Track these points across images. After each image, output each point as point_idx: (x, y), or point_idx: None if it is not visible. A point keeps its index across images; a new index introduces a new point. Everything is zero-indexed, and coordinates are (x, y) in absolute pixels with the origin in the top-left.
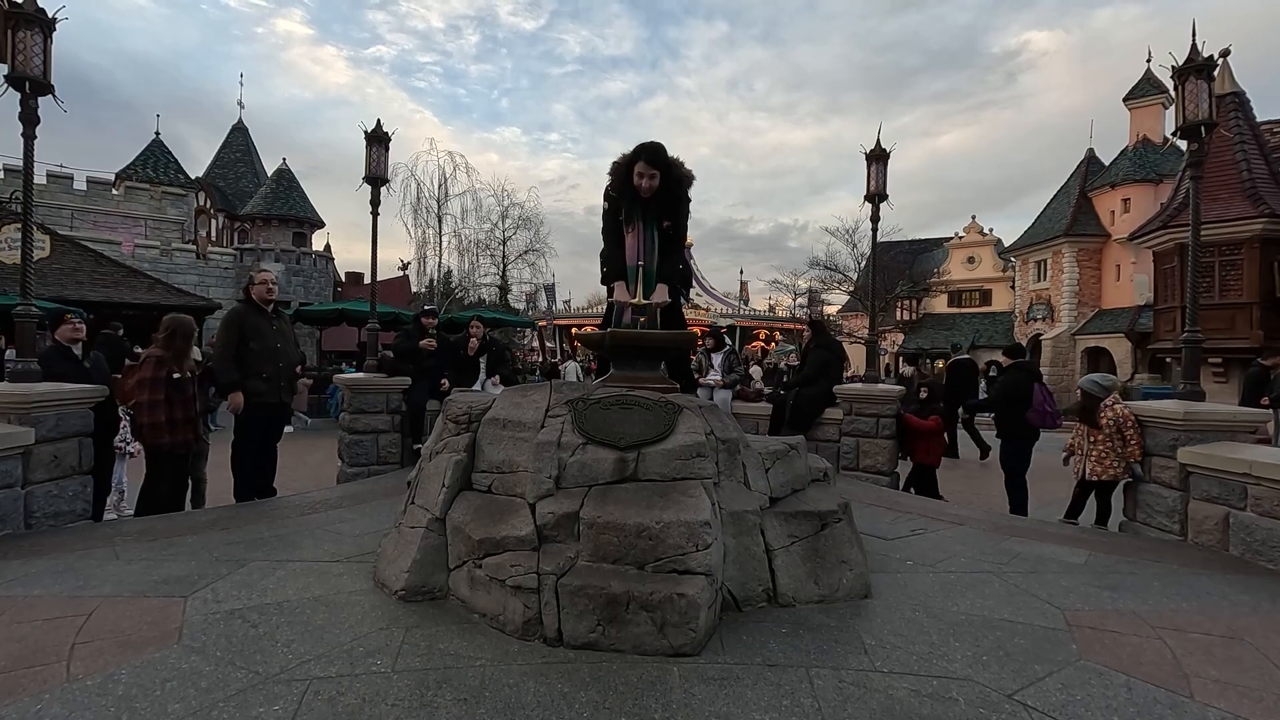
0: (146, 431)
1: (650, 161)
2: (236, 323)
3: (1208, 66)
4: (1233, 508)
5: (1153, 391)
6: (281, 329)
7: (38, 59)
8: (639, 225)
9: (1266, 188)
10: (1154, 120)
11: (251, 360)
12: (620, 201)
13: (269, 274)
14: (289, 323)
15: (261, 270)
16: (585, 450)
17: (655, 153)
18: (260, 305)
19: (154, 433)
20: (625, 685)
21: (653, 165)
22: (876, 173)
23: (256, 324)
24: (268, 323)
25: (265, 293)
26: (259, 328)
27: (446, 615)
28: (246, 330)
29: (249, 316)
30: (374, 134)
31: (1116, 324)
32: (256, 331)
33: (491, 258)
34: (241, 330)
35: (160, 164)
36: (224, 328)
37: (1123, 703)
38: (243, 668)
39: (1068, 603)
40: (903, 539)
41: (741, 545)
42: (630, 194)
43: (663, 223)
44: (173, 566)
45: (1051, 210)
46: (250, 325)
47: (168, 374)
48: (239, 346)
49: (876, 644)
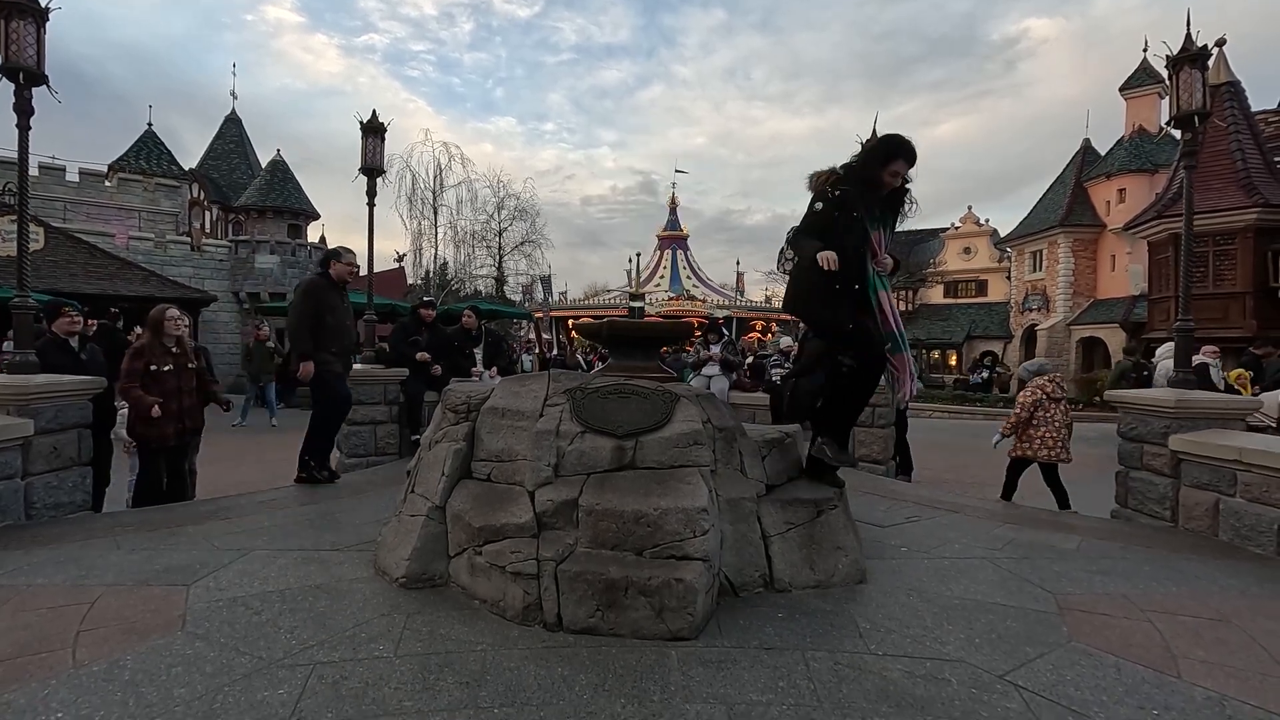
0: (133, 424)
1: (911, 160)
2: (315, 295)
3: (1202, 56)
4: (1222, 494)
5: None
6: (349, 308)
7: (31, 49)
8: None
9: (1261, 177)
10: (1150, 110)
11: (324, 335)
12: (854, 201)
13: (355, 255)
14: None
15: (348, 250)
16: (583, 438)
17: (915, 151)
18: (338, 283)
19: (134, 424)
20: (624, 668)
21: (911, 163)
22: None
23: (332, 300)
24: (340, 300)
25: (347, 273)
26: (334, 304)
27: (447, 602)
28: (323, 305)
29: (327, 292)
30: (369, 125)
31: (1111, 314)
32: (332, 308)
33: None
34: (319, 304)
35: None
36: (303, 298)
37: (1112, 682)
38: (247, 653)
39: (1059, 587)
40: (897, 526)
41: (738, 531)
42: (868, 193)
43: (889, 217)
44: (174, 556)
45: (1047, 200)
46: (327, 301)
47: (144, 366)
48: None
49: (871, 628)
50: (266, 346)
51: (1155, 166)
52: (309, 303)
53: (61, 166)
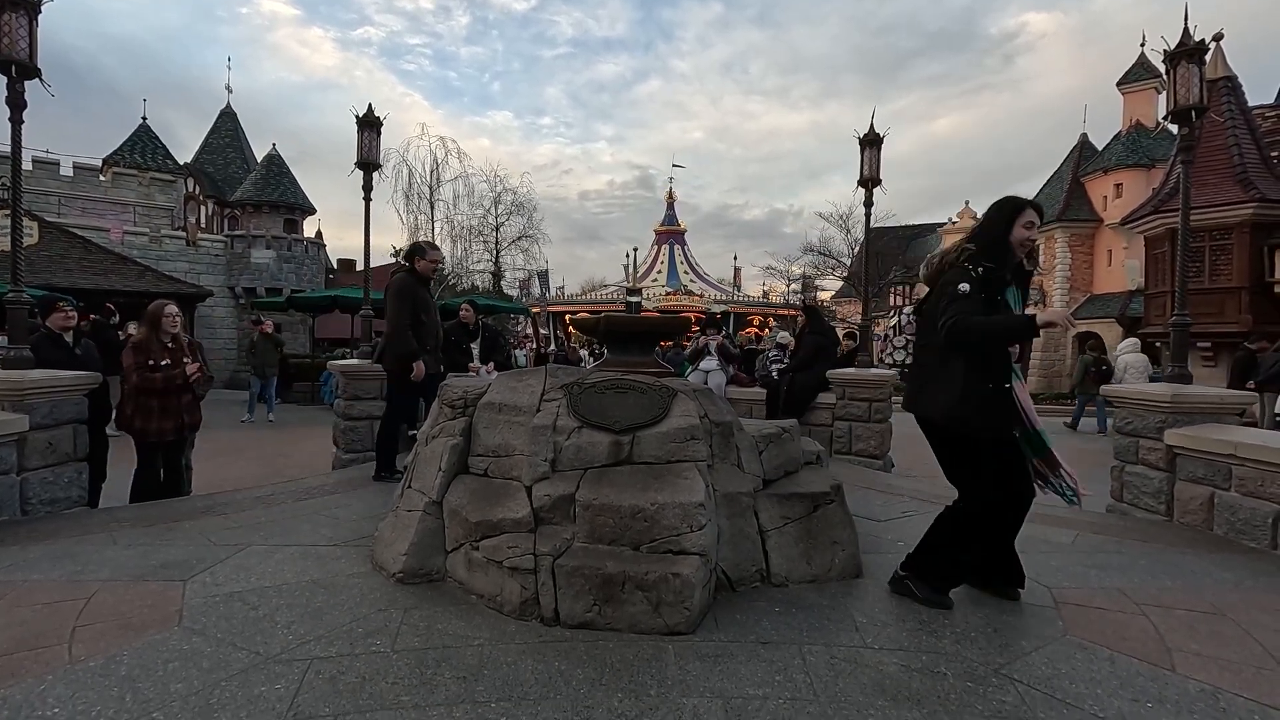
0: (128, 419)
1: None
2: (410, 294)
3: (1199, 51)
4: (1218, 488)
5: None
6: (433, 303)
7: (23, 42)
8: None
9: (1258, 172)
10: (1147, 105)
11: (419, 332)
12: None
13: (440, 252)
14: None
15: (433, 246)
16: (581, 434)
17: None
18: (424, 279)
19: (132, 419)
20: (621, 662)
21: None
22: (870, 158)
23: (424, 297)
24: (429, 296)
25: (431, 269)
26: (425, 301)
27: (444, 597)
28: (418, 303)
29: (418, 290)
30: (365, 119)
31: (1107, 309)
32: (425, 304)
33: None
34: (415, 302)
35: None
36: (398, 298)
37: (1106, 675)
38: (244, 649)
39: (1055, 581)
40: (894, 520)
41: (735, 526)
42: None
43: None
44: (170, 551)
45: (1044, 196)
46: (420, 298)
47: (143, 361)
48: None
49: (868, 621)
50: (271, 340)
51: (1152, 161)
52: (403, 303)
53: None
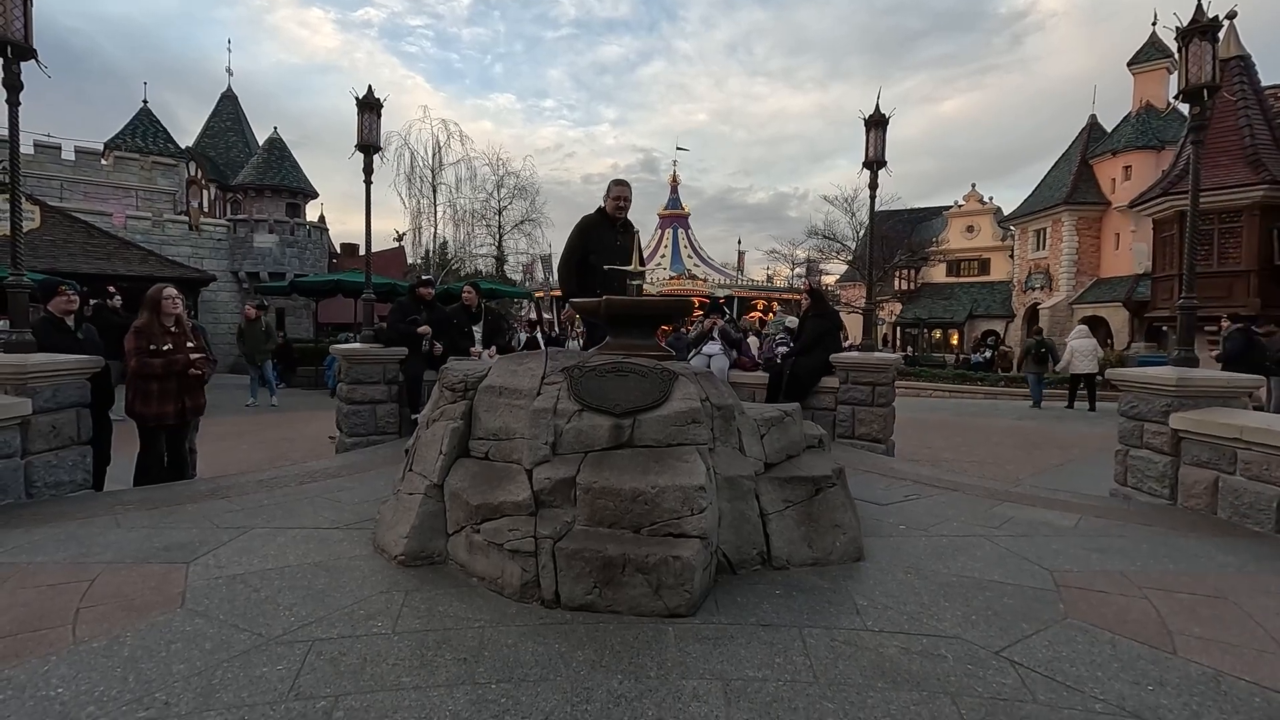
0: (129, 402)
1: None
2: (583, 231)
3: (1213, 28)
4: (1222, 472)
5: (1148, 359)
6: (625, 245)
7: (18, 22)
8: None
9: (1269, 154)
10: (1158, 85)
11: (589, 275)
12: None
13: (626, 189)
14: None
15: (619, 185)
16: (581, 417)
17: None
18: (611, 219)
19: (132, 403)
20: (621, 644)
21: None
22: (876, 139)
23: (601, 237)
24: (613, 238)
25: (615, 209)
26: (603, 241)
27: (445, 579)
28: (590, 241)
29: (596, 229)
30: (365, 100)
31: (1114, 293)
32: (600, 244)
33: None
34: (585, 240)
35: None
36: (571, 235)
37: (1107, 658)
38: (246, 630)
39: (1056, 564)
40: (896, 504)
41: (736, 509)
42: None
43: None
44: (174, 534)
45: (1052, 178)
46: (595, 237)
47: (145, 345)
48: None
49: (868, 604)
50: (258, 325)
51: (1162, 143)
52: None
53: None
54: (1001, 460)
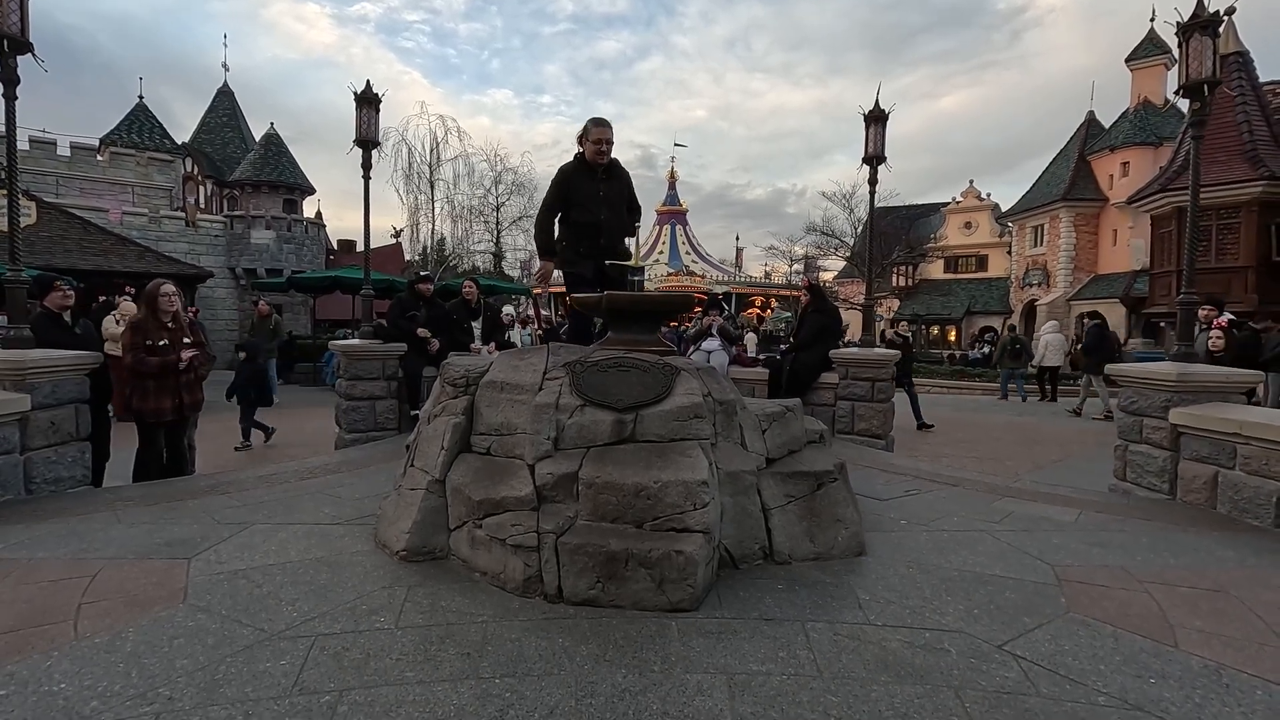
0: (125, 399)
1: None
2: (561, 183)
3: (1213, 22)
4: (1222, 467)
5: (1145, 355)
6: (609, 196)
7: (14, 15)
8: None
9: (1267, 150)
10: (1156, 82)
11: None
12: None
13: (607, 130)
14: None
15: (599, 126)
16: (583, 412)
17: None
18: (590, 165)
19: (130, 399)
20: (625, 639)
21: None
22: (875, 135)
23: (582, 185)
24: (596, 187)
25: (596, 153)
26: (584, 190)
27: (448, 574)
28: (571, 192)
29: (574, 177)
30: (363, 95)
31: (1112, 289)
32: (581, 193)
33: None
34: (564, 191)
35: (145, 129)
36: (550, 187)
37: (1109, 652)
38: (248, 625)
39: (1058, 559)
40: (897, 499)
41: (738, 504)
42: None
43: None
44: (175, 529)
45: (1050, 174)
46: (575, 186)
47: (141, 341)
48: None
49: (871, 599)
50: (268, 323)
51: (1160, 139)
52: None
53: (52, 141)
54: (1001, 456)
